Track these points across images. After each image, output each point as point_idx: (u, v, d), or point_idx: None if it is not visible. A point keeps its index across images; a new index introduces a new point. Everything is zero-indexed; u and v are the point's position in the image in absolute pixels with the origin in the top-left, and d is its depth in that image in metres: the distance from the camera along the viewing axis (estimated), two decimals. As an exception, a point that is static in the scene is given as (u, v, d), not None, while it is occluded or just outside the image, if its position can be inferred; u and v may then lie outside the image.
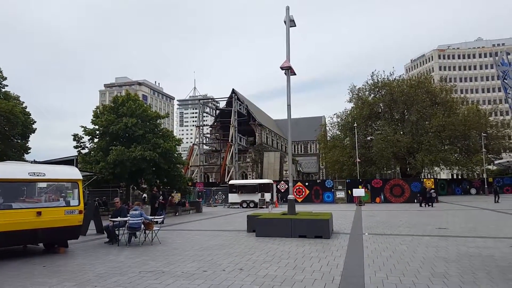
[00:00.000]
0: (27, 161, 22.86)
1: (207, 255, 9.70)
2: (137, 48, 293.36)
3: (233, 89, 68.13)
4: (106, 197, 27.12)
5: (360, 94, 53.98)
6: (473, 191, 51.40)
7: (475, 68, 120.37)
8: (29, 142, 29.00)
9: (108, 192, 27.66)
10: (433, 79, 64.00)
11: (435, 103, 51.26)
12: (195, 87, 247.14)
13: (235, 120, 64.08)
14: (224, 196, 39.51)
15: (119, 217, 12.76)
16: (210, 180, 64.92)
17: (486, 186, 49.47)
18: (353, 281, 6.81)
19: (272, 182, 37.57)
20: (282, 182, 41.60)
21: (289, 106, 15.24)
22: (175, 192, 29.45)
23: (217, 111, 74.94)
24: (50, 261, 9.40)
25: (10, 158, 23.87)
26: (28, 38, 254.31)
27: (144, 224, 12.35)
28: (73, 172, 11.42)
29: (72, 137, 26.12)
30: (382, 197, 36.30)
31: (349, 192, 36.85)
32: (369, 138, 53.39)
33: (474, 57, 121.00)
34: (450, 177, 69.50)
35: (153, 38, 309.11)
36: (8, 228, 9.31)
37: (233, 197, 35.24)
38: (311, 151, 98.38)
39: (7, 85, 28.96)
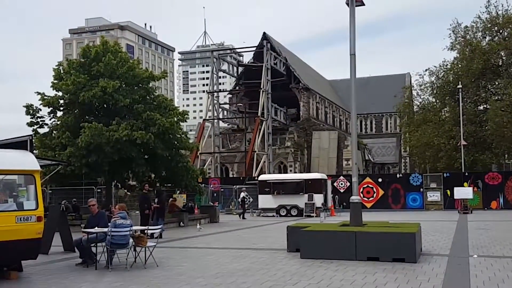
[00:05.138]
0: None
1: (228, 285, 9.92)
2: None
3: (264, 34, 67.42)
4: (78, 198, 27.96)
5: (468, 37, 52.56)
6: None
7: None
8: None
9: (81, 192, 28.46)
10: None
11: None
12: (205, 32, 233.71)
13: (268, 82, 63.80)
14: (251, 199, 39.83)
15: (96, 228, 13.15)
16: (230, 175, 65.64)
17: None
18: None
19: (326, 177, 37.50)
20: (341, 177, 41.47)
21: (352, 55, 15.05)
22: (178, 192, 29.96)
23: (240, 68, 74.81)
24: (-2, 291, 9.88)
25: None
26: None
27: (134, 238, 12.69)
28: (26, 160, 11.68)
29: (25, 109, 26.76)
30: (502, 200, 35.74)
31: (448, 192, 36.47)
32: (482, 107, 52.08)
33: None
34: None
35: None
36: None
37: (265, 200, 35.49)
38: (387, 129, 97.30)
39: None
